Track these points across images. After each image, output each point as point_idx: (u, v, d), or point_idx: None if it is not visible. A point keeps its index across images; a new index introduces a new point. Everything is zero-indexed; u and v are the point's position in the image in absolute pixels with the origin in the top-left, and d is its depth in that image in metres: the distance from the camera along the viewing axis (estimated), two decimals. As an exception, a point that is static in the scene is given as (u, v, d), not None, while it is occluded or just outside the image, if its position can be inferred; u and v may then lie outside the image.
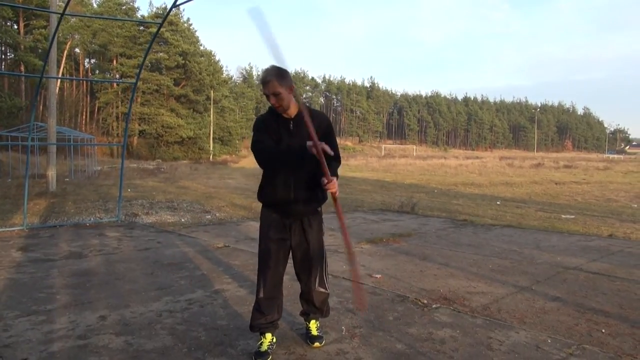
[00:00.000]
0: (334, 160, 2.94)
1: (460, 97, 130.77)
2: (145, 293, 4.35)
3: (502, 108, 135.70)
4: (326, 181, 2.69)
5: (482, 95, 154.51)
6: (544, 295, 4.48)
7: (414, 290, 4.55)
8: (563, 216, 11.17)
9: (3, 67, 41.99)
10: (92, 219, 9.14)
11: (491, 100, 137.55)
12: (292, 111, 2.94)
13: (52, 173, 15.60)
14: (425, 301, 4.14)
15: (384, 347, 3.18)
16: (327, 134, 2.98)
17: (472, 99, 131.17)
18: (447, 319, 3.72)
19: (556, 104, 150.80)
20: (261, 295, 2.99)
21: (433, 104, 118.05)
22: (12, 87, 37.80)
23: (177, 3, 6.61)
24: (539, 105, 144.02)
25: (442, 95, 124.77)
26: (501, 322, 3.69)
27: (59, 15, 7.14)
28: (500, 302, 4.27)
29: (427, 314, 3.83)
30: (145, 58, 8.42)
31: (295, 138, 2.89)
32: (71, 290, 4.45)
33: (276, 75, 2.80)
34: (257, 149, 2.86)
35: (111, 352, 3.09)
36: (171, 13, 51.03)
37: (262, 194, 3.04)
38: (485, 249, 6.65)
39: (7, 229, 7.75)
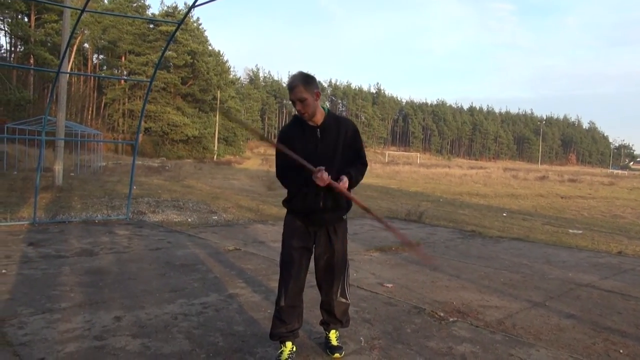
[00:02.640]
0: (360, 164, 2.99)
1: (465, 107, 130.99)
2: (159, 294, 4.33)
3: (507, 119, 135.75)
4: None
5: (487, 105, 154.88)
6: (558, 312, 4.44)
7: (427, 302, 4.52)
8: (570, 231, 11.12)
9: (13, 59, 42.15)
10: (99, 215, 9.13)
11: (496, 110, 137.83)
12: (319, 118, 2.93)
13: (59, 167, 15.62)
14: (442, 314, 4.11)
15: (404, 360, 3.15)
16: (353, 139, 2.99)
17: (477, 109, 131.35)
18: (466, 333, 3.70)
19: (561, 117, 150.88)
20: (282, 303, 2.96)
21: (438, 113, 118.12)
22: (20, 80, 37.87)
23: (197, 3, 6.61)
24: (544, 117, 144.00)
25: (448, 104, 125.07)
26: (519, 338, 3.66)
27: (78, 11, 7.14)
28: (515, 317, 4.24)
29: (445, 327, 3.81)
30: (161, 57, 8.44)
31: (322, 146, 2.88)
32: (84, 288, 4.44)
33: (302, 81, 2.81)
34: (281, 178, 3.03)
35: (129, 354, 3.07)
36: (181, 12, 51.06)
37: (290, 201, 3.02)
38: (495, 261, 6.62)
39: (17, 223, 7.75)
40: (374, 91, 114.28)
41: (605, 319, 4.30)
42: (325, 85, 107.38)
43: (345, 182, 2.83)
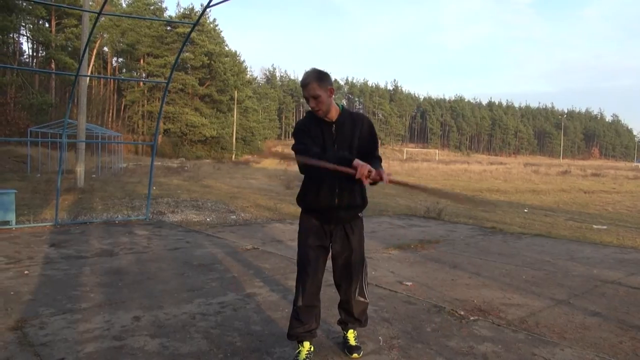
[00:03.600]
0: (378, 162, 2.93)
1: (484, 102, 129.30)
2: (177, 294, 4.35)
3: (527, 113, 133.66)
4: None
5: (506, 100, 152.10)
6: (583, 309, 4.33)
7: (447, 300, 4.45)
8: (594, 226, 10.87)
9: (35, 64, 43.01)
10: (119, 216, 9.24)
11: (516, 105, 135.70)
12: (333, 115, 2.91)
13: (80, 169, 15.90)
14: (462, 312, 4.03)
15: (424, 360, 3.09)
16: (369, 134, 2.95)
17: (496, 103, 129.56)
18: (488, 332, 3.62)
19: (583, 110, 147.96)
20: (300, 303, 2.93)
21: (457, 108, 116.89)
22: (42, 84, 38.63)
23: (211, 4, 6.62)
24: (566, 111, 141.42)
25: (466, 100, 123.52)
26: (543, 337, 3.57)
27: (95, 15, 7.22)
28: (538, 315, 4.14)
29: (466, 326, 3.73)
30: (177, 59, 8.49)
31: (337, 142, 2.85)
32: (104, 288, 4.48)
33: (316, 78, 2.79)
34: (298, 149, 2.79)
35: (147, 354, 3.08)
36: (197, 13, 51.44)
37: (303, 199, 2.98)
38: (517, 258, 6.49)
39: (39, 224, 7.88)
40: (391, 88, 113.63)
41: (632, 316, 4.17)
42: (342, 83, 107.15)
43: (380, 171, 2.63)
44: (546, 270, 5.81)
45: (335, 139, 2.87)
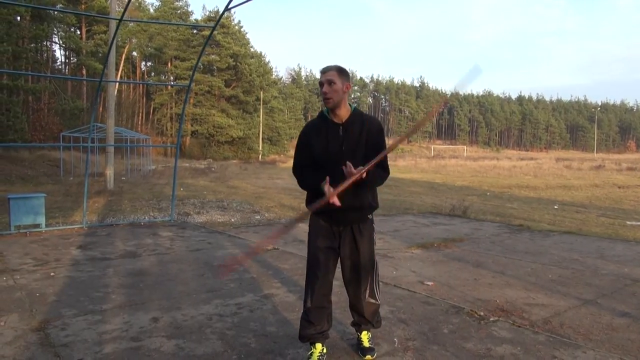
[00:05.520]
0: (381, 169, 2.88)
1: (514, 97, 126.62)
2: (196, 295, 4.39)
3: (558, 107, 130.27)
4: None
5: (537, 94, 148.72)
6: (611, 309, 4.18)
7: (468, 300, 4.36)
8: (628, 222, 10.50)
9: (67, 71, 44.28)
10: (146, 218, 9.41)
11: (547, 99, 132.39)
12: (343, 115, 2.89)
13: (110, 172, 16.29)
14: (482, 313, 3.94)
15: (439, 362, 3.03)
16: (377, 140, 2.90)
17: (526, 98, 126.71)
18: (507, 334, 3.52)
19: (618, 102, 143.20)
20: (309, 304, 2.92)
21: (485, 104, 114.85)
22: (75, 90, 39.77)
23: (229, 7, 6.67)
24: (600, 104, 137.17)
25: (495, 95, 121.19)
26: (565, 339, 3.45)
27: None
28: (563, 315, 4.02)
29: (485, 327, 3.64)
30: (198, 61, 8.60)
31: (345, 144, 2.84)
32: (126, 290, 4.56)
33: (337, 68, 2.88)
34: (297, 177, 3.01)
35: (163, 356, 3.11)
36: (223, 16, 52.42)
37: (311, 202, 2.97)
38: (544, 256, 6.32)
39: (69, 227, 8.10)
40: (418, 85, 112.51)
41: (663, 317, 4.00)
42: (367, 81, 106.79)
43: (360, 170, 2.61)
44: (574, 269, 5.63)
45: (343, 141, 2.86)
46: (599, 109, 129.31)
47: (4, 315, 3.83)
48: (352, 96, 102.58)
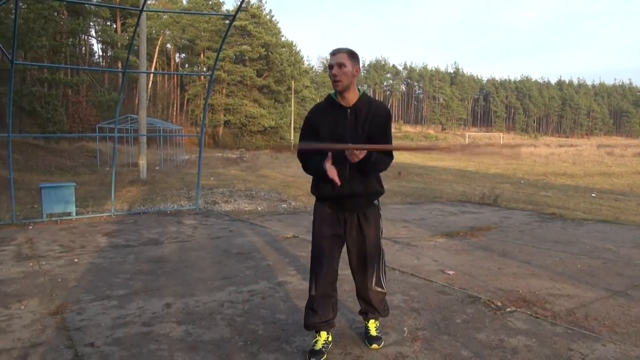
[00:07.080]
0: (386, 155, 2.82)
1: (553, 81, 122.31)
2: (211, 282, 4.41)
3: (601, 92, 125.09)
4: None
5: (578, 78, 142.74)
6: (641, 301, 3.96)
7: (489, 290, 4.22)
8: (670, 211, 10.00)
9: (104, 63, 45.39)
10: (174, 206, 9.56)
11: (589, 83, 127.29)
12: (351, 99, 2.83)
13: (143, 162, 16.64)
14: (499, 303, 3.80)
15: (448, 353, 2.93)
16: (384, 126, 2.83)
17: (566, 82, 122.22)
18: (523, 325, 3.38)
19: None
20: (313, 292, 2.88)
21: (523, 89, 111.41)
22: (112, 83, 40.78)
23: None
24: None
25: (533, 80, 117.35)
26: (586, 331, 3.28)
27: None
28: (589, 307, 3.83)
29: (500, 318, 3.51)
30: (220, 48, 8.61)
31: (350, 128, 2.78)
32: (144, 276, 4.63)
33: (347, 50, 2.81)
34: (301, 160, 2.92)
35: (171, 340, 3.13)
36: (254, 6, 52.13)
37: (315, 187, 2.91)
38: (575, 246, 6.07)
39: (97, 215, 8.31)
40: (452, 71, 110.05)
41: (698, 310, 3.76)
42: (400, 68, 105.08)
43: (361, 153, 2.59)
44: (605, 259, 5.38)
45: (350, 124, 2.79)
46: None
47: (26, 299, 3.94)
48: (385, 84, 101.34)
